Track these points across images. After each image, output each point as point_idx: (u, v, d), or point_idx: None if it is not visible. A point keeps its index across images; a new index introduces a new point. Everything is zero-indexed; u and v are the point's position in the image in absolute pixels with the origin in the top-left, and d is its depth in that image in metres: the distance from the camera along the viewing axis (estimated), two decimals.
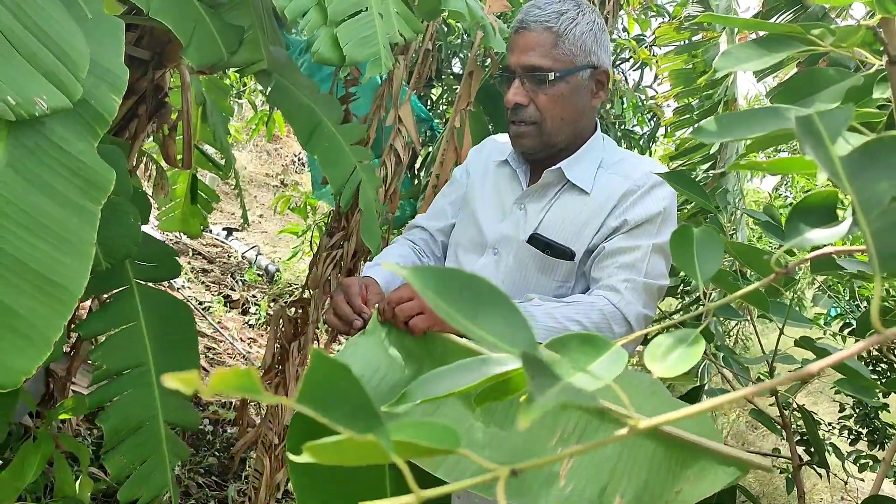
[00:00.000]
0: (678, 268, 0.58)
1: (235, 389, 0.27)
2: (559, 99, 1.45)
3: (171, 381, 0.26)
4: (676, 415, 0.37)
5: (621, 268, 1.38)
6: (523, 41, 1.45)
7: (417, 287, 0.35)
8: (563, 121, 1.48)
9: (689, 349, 0.53)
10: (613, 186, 1.47)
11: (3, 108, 1.00)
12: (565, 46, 1.43)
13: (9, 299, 1.04)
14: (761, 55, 0.69)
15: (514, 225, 1.54)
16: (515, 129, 1.50)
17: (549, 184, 1.52)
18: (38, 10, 1.12)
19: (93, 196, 1.17)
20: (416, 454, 0.31)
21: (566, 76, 1.44)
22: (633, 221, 1.41)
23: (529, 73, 1.44)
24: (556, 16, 1.42)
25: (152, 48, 2.30)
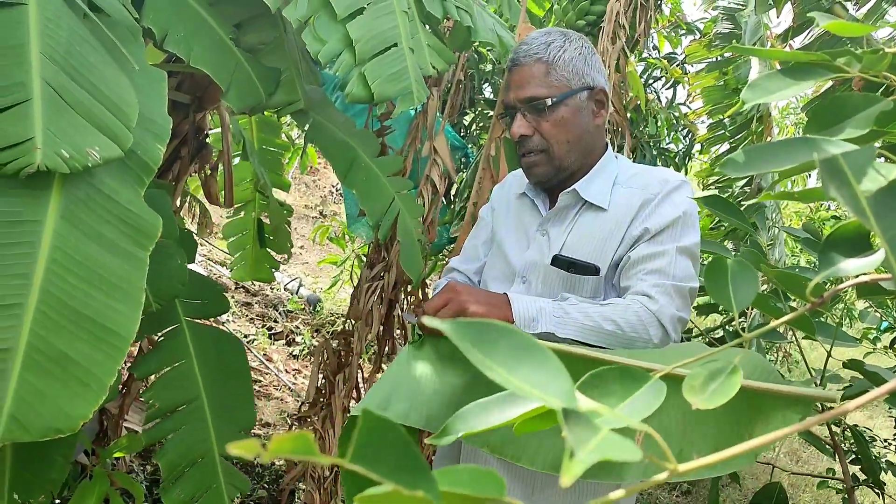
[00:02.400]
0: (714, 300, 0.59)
1: (293, 453, 0.29)
2: (561, 123, 1.50)
3: (234, 449, 0.28)
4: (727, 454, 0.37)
5: (649, 273, 1.39)
6: (518, 77, 1.51)
7: (456, 340, 0.36)
8: (569, 143, 1.52)
9: (727, 381, 0.53)
10: (631, 199, 1.50)
11: (58, 162, 1.05)
12: (558, 73, 1.49)
13: (66, 347, 1.08)
14: (788, 85, 0.69)
15: (539, 251, 1.57)
16: (526, 160, 1.55)
17: (567, 206, 1.56)
18: (88, 65, 1.17)
19: (141, 243, 1.21)
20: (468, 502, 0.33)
21: (564, 100, 1.49)
22: (655, 228, 1.43)
23: (528, 105, 1.49)
24: (544, 47, 1.49)
25: (193, 92, 2.38)
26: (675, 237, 1.43)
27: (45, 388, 1.06)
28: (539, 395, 0.36)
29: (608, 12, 2.66)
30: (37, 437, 1.05)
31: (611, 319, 1.32)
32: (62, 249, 1.10)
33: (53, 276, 1.08)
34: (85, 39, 1.20)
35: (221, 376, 1.84)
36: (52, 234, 1.10)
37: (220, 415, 1.80)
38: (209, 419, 1.75)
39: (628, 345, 1.32)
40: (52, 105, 1.08)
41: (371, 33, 1.67)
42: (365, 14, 1.68)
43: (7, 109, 1.05)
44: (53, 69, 1.11)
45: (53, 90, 1.10)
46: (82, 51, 1.18)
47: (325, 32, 1.63)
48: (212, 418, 1.76)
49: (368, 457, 0.31)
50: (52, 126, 1.07)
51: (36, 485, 1.56)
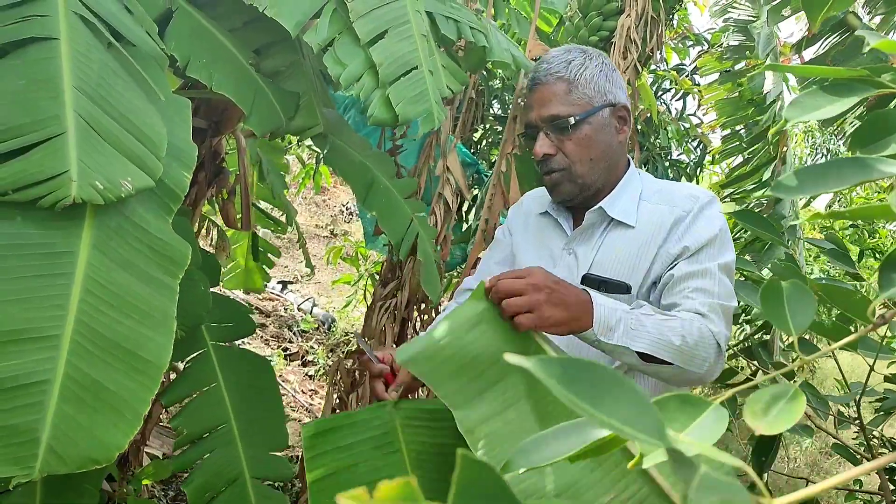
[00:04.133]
0: (771, 322, 0.59)
1: (399, 501, 0.29)
2: (585, 141, 1.49)
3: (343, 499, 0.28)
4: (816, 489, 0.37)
5: (696, 291, 1.37)
6: (539, 96, 1.50)
7: (542, 377, 0.36)
8: (592, 161, 1.51)
9: (790, 405, 0.53)
10: (660, 216, 1.48)
11: (93, 194, 1.06)
12: (579, 91, 1.48)
13: (101, 376, 1.08)
14: (830, 101, 0.69)
15: (567, 270, 1.54)
16: (549, 179, 1.54)
17: (593, 224, 1.54)
18: (118, 97, 1.18)
19: (171, 271, 1.22)
20: None
21: (587, 118, 1.48)
22: (694, 246, 1.41)
23: (551, 124, 1.48)
24: (565, 65, 1.48)
25: (209, 117, 2.40)
26: (715, 255, 1.41)
27: (81, 418, 1.06)
28: (629, 430, 0.35)
29: (619, 28, 2.67)
30: (73, 468, 1.05)
31: (680, 334, 1.28)
32: (95, 280, 1.11)
33: (88, 306, 1.09)
34: (114, 71, 1.22)
35: (251, 398, 1.84)
36: (85, 264, 1.10)
37: (250, 437, 1.79)
38: (238, 443, 1.74)
39: (688, 362, 1.29)
40: (85, 137, 1.10)
41: (393, 57, 1.68)
42: (386, 38, 1.69)
43: (42, 143, 1.06)
44: (86, 102, 1.12)
45: (86, 123, 1.11)
46: (112, 83, 1.19)
47: (346, 56, 1.64)
48: (241, 441, 1.75)
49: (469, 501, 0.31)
50: (86, 158, 1.08)
51: None
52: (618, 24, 2.60)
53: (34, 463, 1.02)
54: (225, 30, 1.77)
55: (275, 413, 1.85)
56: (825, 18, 0.99)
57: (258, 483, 1.76)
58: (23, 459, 1.01)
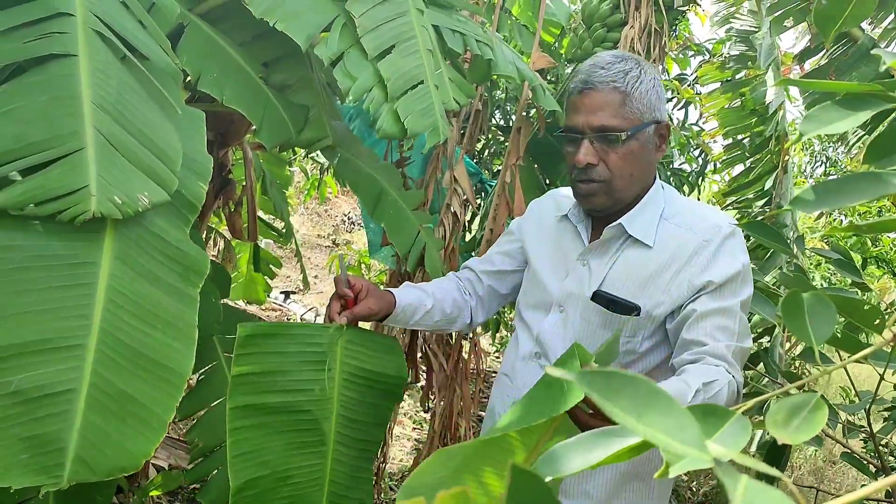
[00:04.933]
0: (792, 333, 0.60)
1: None
2: (629, 157, 1.46)
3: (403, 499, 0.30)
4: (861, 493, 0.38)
5: (719, 330, 1.36)
6: (590, 101, 1.45)
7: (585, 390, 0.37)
8: (632, 177, 1.48)
9: (812, 415, 0.54)
10: (680, 241, 1.47)
11: (111, 208, 1.07)
12: (633, 105, 1.43)
13: (127, 386, 1.10)
14: (844, 115, 0.71)
15: (579, 282, 1.54)
16: (585, 187, 1.50)
17: (610, 238, 1.53)
18: (135, 112, 1.20)
19: (191, 281, 1.24)
20: None
21: (636, 134, 1.44)
22: (718, 280, 1.40)
23: (600, 133, 1.44)
24: (622, 75, 1.43)
25: (216, 129, 2.41)
26: (737, 291, 1.40)
27: (108, 427, 1.07)
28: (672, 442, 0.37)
29: (623, 39, 2.70)
30: (102, 476, 1.07)
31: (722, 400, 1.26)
32: (118, 290, 1.12)
33: (111, 315, 1.11)
34: (131, 87, 1.23)
35: None
36: (107, 275, 1.12)
37: None
38: None
39: None
40: (104, 153, 1.11)
41: (400, 72, 1.70)
42: (393, 53, 1.71)
43: (62, 158, 1.07)
44: (104, 118, 1.14)
45: (105, 138, 1.12)
46: (129, 98, 1.21)
47: (355, 69, 1.66)
48: None
49: None
50: (105, 174, 1.09)
51: None
52: (621, 35, 2.63)
53: (62, 472, 1.03)
54: (235, 44, 1.79)
55: None
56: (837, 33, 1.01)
57: None
58: (51, 469, 1.03)
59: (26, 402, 1.01)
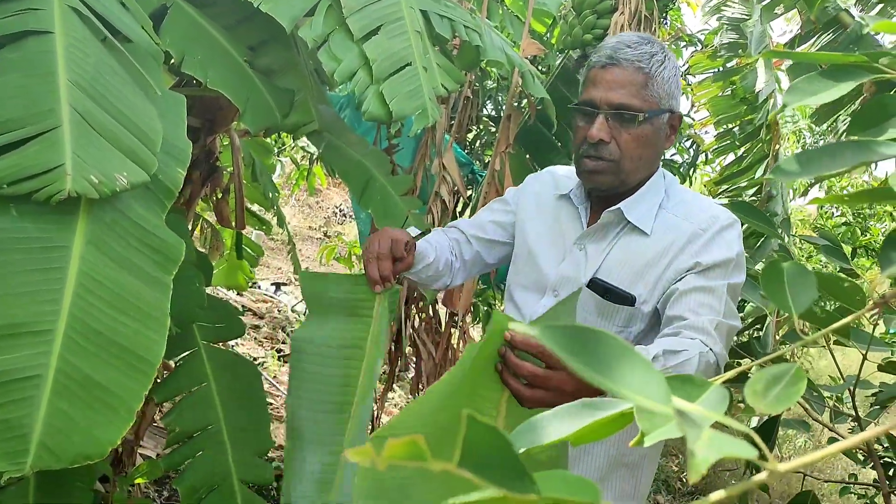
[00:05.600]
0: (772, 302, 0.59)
1: (406, 458, 0.29)
2: (642, 140, 1.44)
3: (352, 455, 0.28)
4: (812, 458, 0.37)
5: (703, 307, 1.35)
6: (612, 77, 1.42)
7: (552, 347, 0.36)
8: (641, 161, 1.47)
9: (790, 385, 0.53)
10: (677, 229, 1.45)
11: (88, 188, 1.05)
12: (654, 88, 1.42)
13: (94, 372, 1.08)
14: (829, 87, 0.69)
15: (575, 266, 1.52)
16: (592, 164, 1.47)
17: (608, 223, 1.51)
18: (113, 91, 1.18)
19: (166, 267, 1.22)
20: None
21: (652, 118, 1.43)
22: (707, 263, 1.39)
23: (617, 111, 1.42)
24: (648, 57, 1.41)
25: (203, 116, 2.39)
26: (726, 276, 1.39)
27: (74, 413, 1.05)
28: (639, 398, 0.36)
29: (612, 26, 2.69)
30: (67, 463, 1.05)
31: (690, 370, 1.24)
32: (89, 275, 1.10)
33: (81, 301, 1.08)
34: (110, 66, 1.21)
35: (238, 400, 1.84)
36: (79, 259, 1.10)
37: (237, 439, 1.79)
38: (228, 444, 1.74)
39: None
40: (80, 132, 1.09)
41: (386, 53, 1.68)
42: (380, 34, 1.69)
43: (37, 137, 1.05)
44: (81, 96, 1.12)
45: (81, 117, 1.10)
46: (108, 77, 1.19)
47: (340, 51, 1.64)
48: (230, 443, 1.75)
49: (476, 462, 0.31)
50: (81, 152, 1.07)
51: None
52: (611, 21, 2.61)
53: (26, 458, 1.01)
54: (220, 27, 1.77)
55: (261, 417, 1.85)
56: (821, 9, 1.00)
57: (244, 486, 1.76)
58: (14, 455, 1.00)
59: None
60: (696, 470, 0.32)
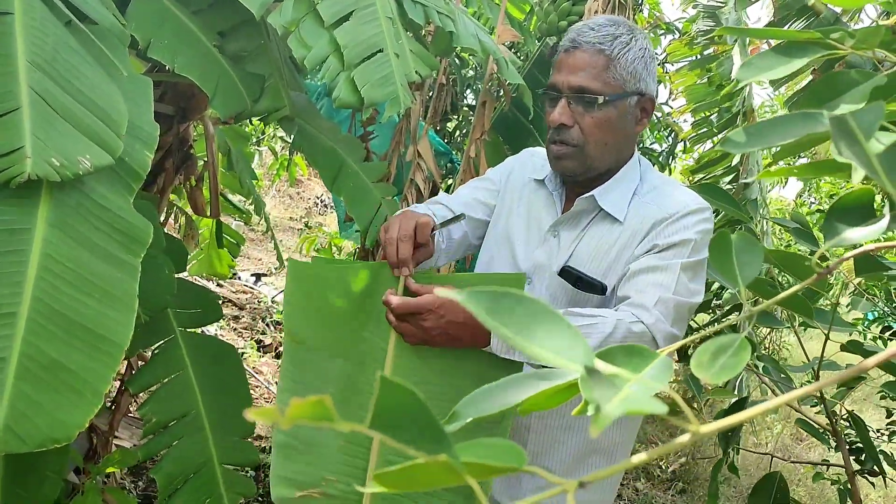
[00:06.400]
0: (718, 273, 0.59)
1: (312, 418, 0.28)
2: (605, 124, 1.41)
3: (252, 416, 0.28)
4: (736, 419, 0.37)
5: (651, 285, 1.34)
6: (573, 61, 1.40)
7: (471, 308, 0.36)
8: (606, 146, 1.44)
9: (735, 356, 0.53)
10: (646, 215, 1.44)
11: (49, 170, 1.04)
12: (617, 71, 1.39)
13: (60, 355, 1.07)
14: (782, 62, 0.70)
15: (548, 253, 1.51)
16: (557, 149, 1.46)
17: (582, 211, 1.49)
18: (75, 73, 1.16)
19: (133, 250, 1.20)
20: (484, 474, 0.32)
21: (615, 101, 1.40)
22: (662, 245, 1.39)
23: (577, 94, 1.40)
24: (611, 39, 1.38)
25: (176, 103, 2.36)
26: (683, 255, 1.38)
27: (39, 397, 1.04)
28: (560, 360, 0.35)
29: (587, 12, 2.68)
30: (33, 447, 1.04)
31: (600, 337, 1.25)
32: (53, 257, 1.09)
33: (45, 283, 1.07)
34: (71, 47, 1.20)
35: (219, 386, 1.83)
36: (42, 241, 1.09)
37: (218, 425, 1.78)
38: (208, 429, 1.73)
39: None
40: (40, 113, 1.08)
41: (357, 39, 1.66)
42: (351, 20, 1.67)
43: None
44: (41, 77, 1.10)
45: (42, 98, 1.09)
46: (69, 58, 1.17)
47: (310, 38, 1.62)
48: (210, 427, 1.74)
49: (388, 424, 0.31)
50: (42, 134, 1.06)
51: (27, 501, 1.53)
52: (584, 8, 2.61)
53: None
54: (189, 11, 1.75)
55: (242, 399, 1.84)
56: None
57: (227, 469, 1.75)
58: None
59: None
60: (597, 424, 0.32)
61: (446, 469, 0.30)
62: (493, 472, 0.32)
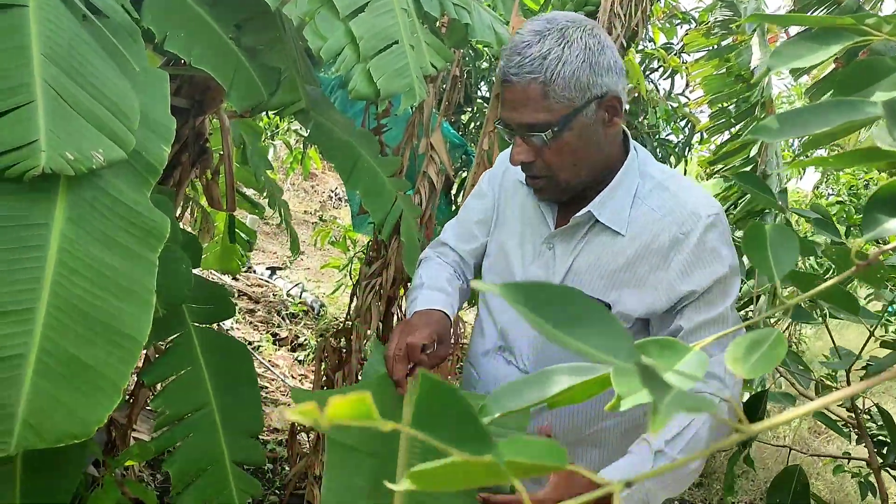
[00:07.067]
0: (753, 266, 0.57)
1: (353, 417, 0.27)
2: (566, 148, 1.29)
3: (291, 415, 0.27)
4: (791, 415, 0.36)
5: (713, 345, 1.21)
6: (511, 96, 1.27)
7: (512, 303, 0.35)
8: (576, 166, 1.33)
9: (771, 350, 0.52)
10: (655, 229, 1.32)
11: (63, 164, 1.03)
12: (558, 93, 1.24)
13: (78, 351, 1.06)
14: (814, 50, 0.68)
15: (544, 268, 1.43)
16: (532, 182, 1.38)
17: (577, 224, 1.38)
18: (88, 67, 1.16)
19: (150, 244, 1.20)
20: (527, 472, 0.31)
21: (567, 124, 1.26)
22: (701, 289, 1.29)
23: (527, 133, 1.29)
24: (539, 61, 1.22)
25: (191, 97, 2.36)
26: (725, 292, 1.30)
27: (58, 393, 1.04)
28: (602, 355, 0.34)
29: (603, 2, 2.65)
30: (51, 443, 1.04)
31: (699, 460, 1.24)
32: (70, 252, 1.08)
33: (63, 279, 1.07)
34: (85, 41, 1.19)
35: (229, 382, 1.82)
36: (59, 237, 1.08)
37: (229, 421, 1.78)
38: (219, 425, 1.73)
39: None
40: (55, 107, 1.07)
41: (373, 31, 1.66)
42: (366, 12, 1.67)
43: (10, 112, 1.03)
44: (55, 71, 1.09)
45: (56, 92, 1.08)
46: (83, 52, 1.16)
47: (326, 29, 1.61)
48: (221, 425, 1.74)
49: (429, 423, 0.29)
50: (56, 128, 1.05)
51: (47, 494, 1.54)
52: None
53: (10, 439, 1.00)
54: (205, 4, 1.74)
55: (252, 398, 1.83)
56: None
57: (236, 467, 1.75)
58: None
59: None
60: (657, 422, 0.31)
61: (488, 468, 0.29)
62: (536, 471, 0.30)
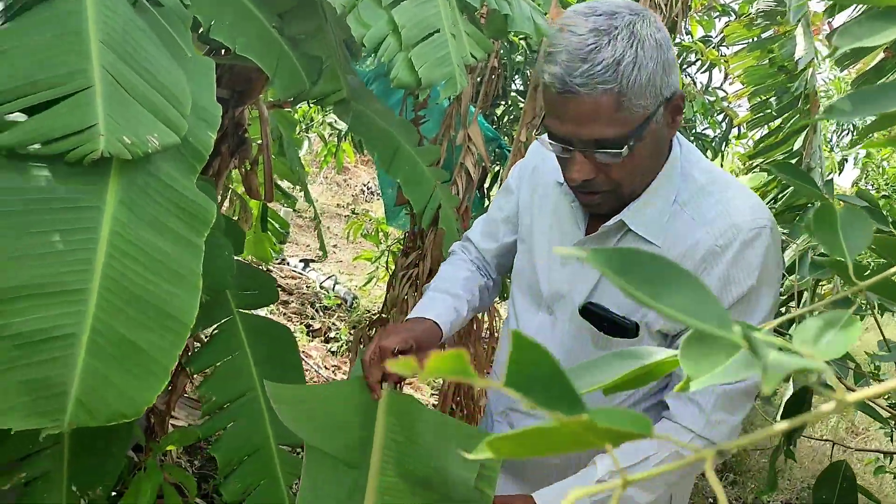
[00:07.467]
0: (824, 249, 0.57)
1: (449, 373, 0.28)
2: (637, 160, 1.17)
3: (394, 366, 0.27)
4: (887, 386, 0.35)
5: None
6: (576, 109, 1.10)
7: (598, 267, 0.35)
8: (642, 175, 1.22)
9: (844, 331, 0.51)
10: (691, 240, 1.22)
11: (121, 148, 1.05)
12: (633, 102, 1.09)
13: (129, 332, 1.08)
14: (880, 29, 0.66)
15: (570, 279, 1.34)
16: (587, 198, 1.26)
17: (608, 232, 1.29)
18: (143, 53, 1.18)
19: (197, 229, 1.21)
20: (614, 439, 0.31)
21: (642, 133, 1.13)
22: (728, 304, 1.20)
23: (596, 150, 1.14)
24: (613, 68, 1.06)
25: (232, 87, 2.38)
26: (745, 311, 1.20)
27: (109, 372, 1.06)
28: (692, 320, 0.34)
29: None
30: (102, 421, 1.06)
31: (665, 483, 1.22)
32: (122, 235, 1.10)
33: (114, 261, 1.09)
34: (139, 27, 1.21)
35: (275, 367, 1.84)
36: (111, 219, 1.10)
37: None
38: (265, 410, 1.75)
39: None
40: (111, 92, 1.09)
41: (415, 19, 1.66)
42: (407, 0, 1.67)
43: (69, 97, 1.05)
44: (112, 56, 1.11)
45: (112, 77, 1.10)
46: (137, 38, 1.18)
47: (369, 17, 1.62)
48: (267, 409, 1.76)
49: (522, 383, 0.30)
50: (113, 113, 1.07)
51: (93, 477, 1.57)
52: None
53: (63, 416, 1.02)
54: None
55: (297, 381, 1.85)
56: None
57: (282, 449, 1.77)
58: (52, 412, 1.01)
59: (26, 346, 0.99)
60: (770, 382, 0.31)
61: (580, 431, 0.29)
62: (623, 438, 0.31)
